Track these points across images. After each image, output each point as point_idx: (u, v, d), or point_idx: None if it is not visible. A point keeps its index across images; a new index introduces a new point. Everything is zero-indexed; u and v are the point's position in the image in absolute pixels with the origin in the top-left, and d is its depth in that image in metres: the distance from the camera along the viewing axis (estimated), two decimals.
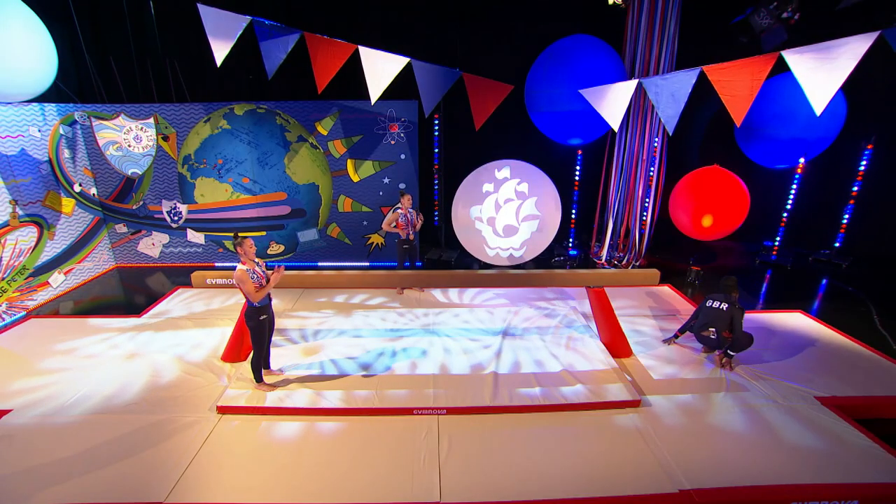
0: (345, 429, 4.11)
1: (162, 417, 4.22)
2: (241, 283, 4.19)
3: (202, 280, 4.94)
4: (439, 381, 4.70)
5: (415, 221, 6.81)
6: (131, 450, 3.83)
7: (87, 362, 5.09)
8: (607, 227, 8.41)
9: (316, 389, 4.53)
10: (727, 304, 4.86)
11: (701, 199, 7.26)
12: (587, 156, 8.45)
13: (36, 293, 6.60)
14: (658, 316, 6.25)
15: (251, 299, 4.25)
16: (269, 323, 4.50)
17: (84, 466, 3.66)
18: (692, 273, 7.52)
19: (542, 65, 7.45)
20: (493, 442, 3.94)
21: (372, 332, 5.74)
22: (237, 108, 7.48)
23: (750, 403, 4.37)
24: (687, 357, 5.21)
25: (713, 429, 4.07)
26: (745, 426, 4.09)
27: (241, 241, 4.23)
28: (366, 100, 5.91)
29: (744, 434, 4.00)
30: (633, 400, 4.34)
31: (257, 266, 4.34)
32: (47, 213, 6.74)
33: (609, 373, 4.78)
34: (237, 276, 4.18)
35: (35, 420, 4.17)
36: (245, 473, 3.62)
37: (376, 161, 7.86)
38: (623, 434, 4.02)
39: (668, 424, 4.12)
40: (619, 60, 7.36)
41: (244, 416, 4.25)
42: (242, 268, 4.22)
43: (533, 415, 4.27)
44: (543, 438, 3.98)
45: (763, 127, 7.43)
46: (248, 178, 7.79)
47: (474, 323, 6.02)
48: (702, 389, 4.61)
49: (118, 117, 6.55)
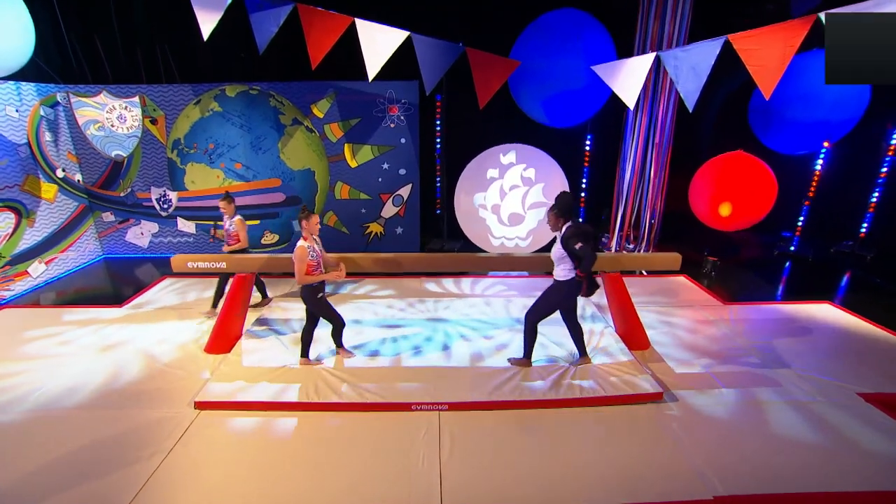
0: (334, 426, 3.67)
1: (133, 413, 3.79)
2: (299, 261, 3.91)
3: (183, 264, 4.52)
4: (441, 373, 4.26)
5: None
6: (92, 450, 3.40)
7: (59, 355, 4.67)
8: (616, 216, 7.97)
9: (305, 383, 4.10)
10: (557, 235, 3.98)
11: (722, 186, 6.77)
12: (598, 140, 8.00)
13: (13, 283, 6.19)
14: (675, 306, 5.80)
15: (297, 278, 3.96)
16: (327, 301, 4.27)
17: (29, 469, 3.23)
18: (708, 263, 7.06)
19: (527, 39, 6.92)
20: (500, 440, 3.50)
21: (370, 322, 5.31)
22: (229, 89, 7.07)
23: (787, 400, 3.91)
24: (712, 349, 4.76)
25: (747, 428, 3.61)
26: (784, 425, 3.63)
27: (307, 214, 3.98)
28: (364, 80, 5.52)
29: (782, 434, 3.54)
30: (655, 392, 3.89)
31: (316, 244, 4.08)
32: (26, 198, 6.33)
33: (626, 364, 4.33)
34: (297, 252, 3.93)
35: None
36: (222, 477, 3.18)
37: (375, 145, 7.43)
38: (646, 432, 3.57)
39: (696, 421, 3.67)
40: (609, 37, 6.83)
41: (225, 413, 3.83)
42: (303, 244, 3.96)
43: (543, 410, 3.83)
44: (556, 437, 3.54)
45: (783, 109, 6.97)
46: (241, 164, 7.38)
47: (480, 314, 5.58)
48: (731, 383, 4.15)
49: (100, 94, 6.13)
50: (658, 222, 7.77)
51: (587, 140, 7.94)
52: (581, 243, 3.76)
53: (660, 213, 7.74)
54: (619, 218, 7.92)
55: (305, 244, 3.98)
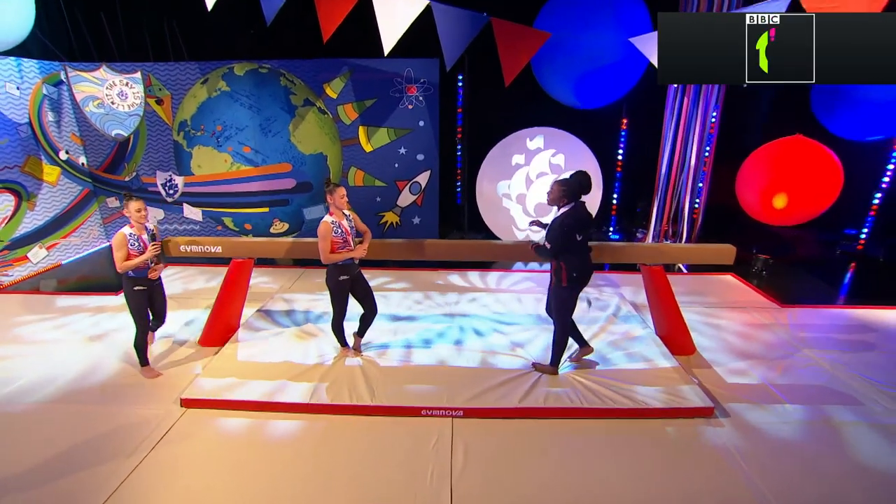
0: (331, 431, 3.34)
1: (112, 410, 3.53)
2: (322, 239, 3.68)
3: (176, 248, 4.26)
4: (456, 375, 3.89)
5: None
6: (64, 449, 3.14)
7: (45, 343, 4.49)
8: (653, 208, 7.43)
9: (303, 381, 3.77)
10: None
11: (778, 175, 6.16)
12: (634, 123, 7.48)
13: (12, 268, 6.09)
14: (722, 307, 5.28)
15: (321, 258, 3.72)
16: (352, 286, 3.98)
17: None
18: (759, 261, 6.48)
19: (552, 9, 6.38)
20: (522, 455, 3.10)
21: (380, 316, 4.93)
22: (237, 67, 6.84)
23: (869, 422, 3.38)
24: (770, 357, 4.24)
25: (822, 454, 3.11)
26: (868, 453, 3.11)
27: (332, 187, 3.74)
28: (380, 57, 5.22)
29: (866, 463, 3.03)
30: (705, 407, 3.42)
31: (346, 220, 3.82)
32: (27, 180, 6.22)
33: (669, 372, 3.87)
34: (320, 229, 3.70)
35: None
36: (202, 486, 2.88)
37: (391, 128, 7.10)
38: (695, 453, 3.12)
39: (755, 443, 3.19)
40: (643, 4, 6.26)
41: (213, 412, 3.53)
42: (328, 220, 3.73)
43: (573, 421, 3.41)
44: (586, 453, 3.12)
45: (852, 87, 6.31)
46: (250, 148, 7.14)
47: (502, 310, 5.17)
48: (796, 398, 3.64)
49: (99, 69, 5.95)
50: (701, 216, 7.21)
51: (622, 123, 7.42)
52: (559, 232, 3.46)
53: (703, 205, 7.19)
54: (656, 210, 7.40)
55: (330, 219, 3.72)
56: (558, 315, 3.74)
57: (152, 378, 3.92)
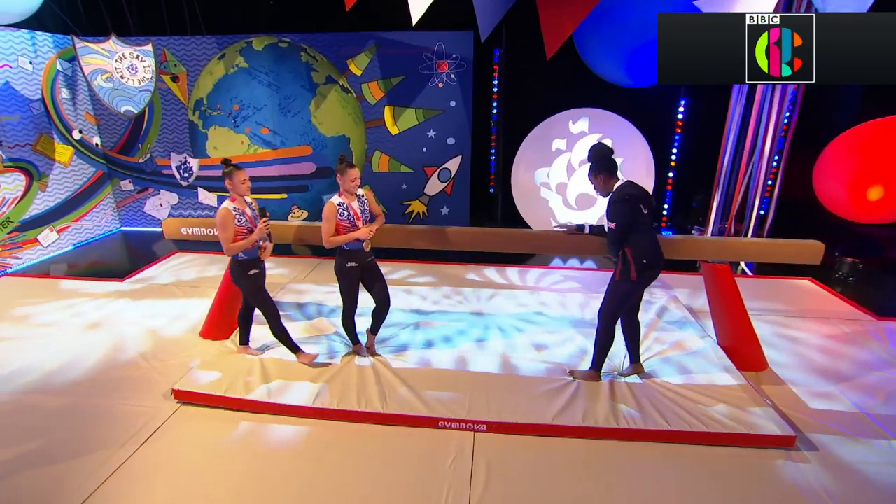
0: (336, 441, 3.04)
1: (100, 403, 3.36)
2: (325, 220, 3.39)
3: (176, 229, 4.07)
4: (480, 382, 3.52)
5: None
6: (44, 445, 2.98)
7: (43, 328, 4.40)
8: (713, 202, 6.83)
9: (307, 381, 3.50)
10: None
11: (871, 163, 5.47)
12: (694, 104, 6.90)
13: (21, 251, 6.11)
14: (800, 316, 4.71)
15: (323, 241, 3.44)
16: (363, 276, 3.71)
17: None
18: (845, 265, 5.82)
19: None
20: (553, 479, 2.72)
21: (400, 315, 4.63)
22: (256, 41, 6.67)
23: None
24: (866, 380, 3.68)
25: None
26: None
27: (345, 167, 3.41)
28: (408, 29, 4.92)
29: None
30: (785, 436, 2.94)
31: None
32: (38, 159, 6.23)
33: (735, 390, 3.38)
34: (325, 210, 3.39)
35: None
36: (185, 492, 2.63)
37: (420, 109, 6.78)
38: (770, 491, 2.65)
39: (853, 486, 2.68)
40: None
41: (209, 410, 3.31)
42: (335, 200, 3.43)
43: (616, 443, 2.99)
44: (632, 482, 2.71)
45: None
46: (268, 129, 6.98)
47: (538, 311, 4.77)
48: None
49: (108, 41, 5.88)
50: (772, 211, 6.58)
51: (680, 104, 6.86)
52: (622, 206, 3.09)
53: (775, 199, 6.55)
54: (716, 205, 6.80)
55: (336, 200, 3.41)
56: (607, 308, 3.34)
57: (306, 363, 3.72)
